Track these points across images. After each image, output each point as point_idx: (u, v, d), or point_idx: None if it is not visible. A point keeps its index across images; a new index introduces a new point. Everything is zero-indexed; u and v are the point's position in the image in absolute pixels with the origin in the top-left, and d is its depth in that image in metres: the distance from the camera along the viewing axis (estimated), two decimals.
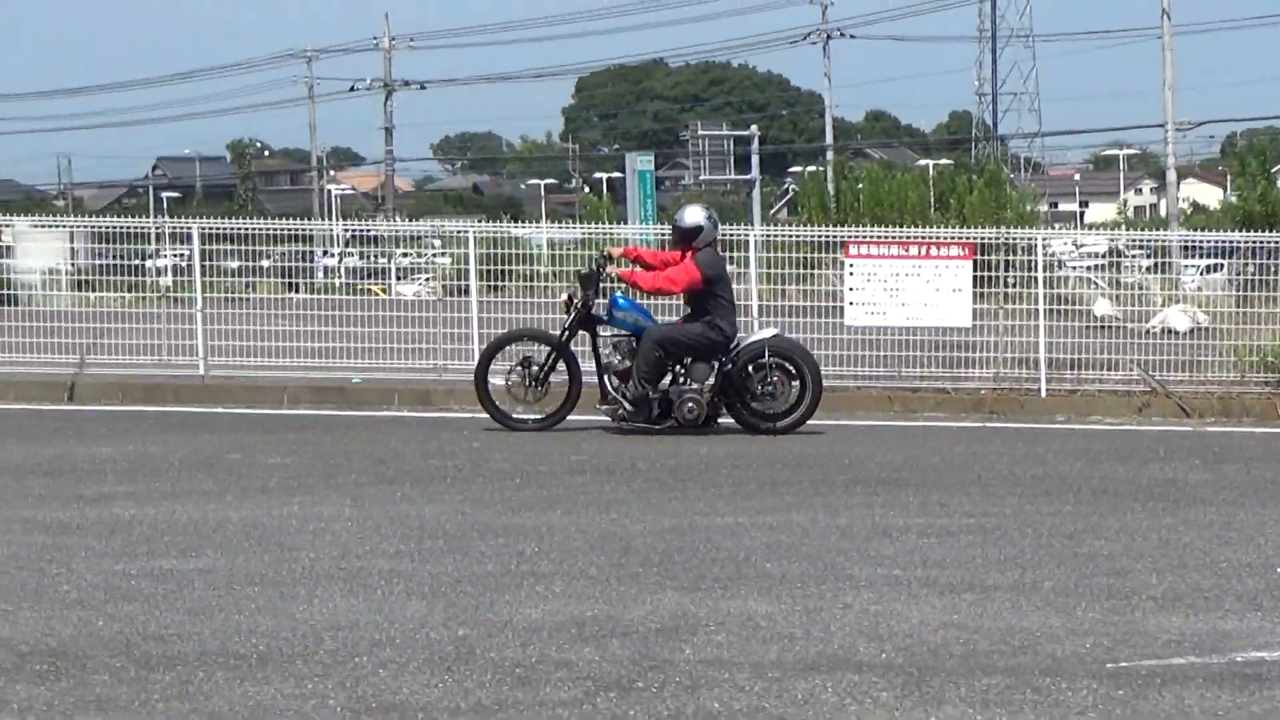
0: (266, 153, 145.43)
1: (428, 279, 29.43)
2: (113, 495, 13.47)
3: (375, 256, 30.56)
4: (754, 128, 75.40)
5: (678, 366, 18.18)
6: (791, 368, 18.47)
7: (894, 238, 24.46)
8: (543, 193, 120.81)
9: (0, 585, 9.93)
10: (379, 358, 23.29)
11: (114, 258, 25.83)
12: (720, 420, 18.47)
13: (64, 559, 10.74)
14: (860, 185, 54.87)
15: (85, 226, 28.83)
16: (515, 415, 18.35)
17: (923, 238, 24.41)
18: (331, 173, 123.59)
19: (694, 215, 18.75)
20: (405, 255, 30.21)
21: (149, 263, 26.61)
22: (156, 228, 27.70)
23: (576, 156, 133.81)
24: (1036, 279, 23.56)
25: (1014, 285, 24.07)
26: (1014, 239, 25.04)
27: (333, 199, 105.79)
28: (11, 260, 26.09)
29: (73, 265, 26.87)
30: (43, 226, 29.65)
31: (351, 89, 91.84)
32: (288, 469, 15.20)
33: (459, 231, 25.74)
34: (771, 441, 18.15)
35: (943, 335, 23.18)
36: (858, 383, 23.19)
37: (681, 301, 18.90)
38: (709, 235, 18.53)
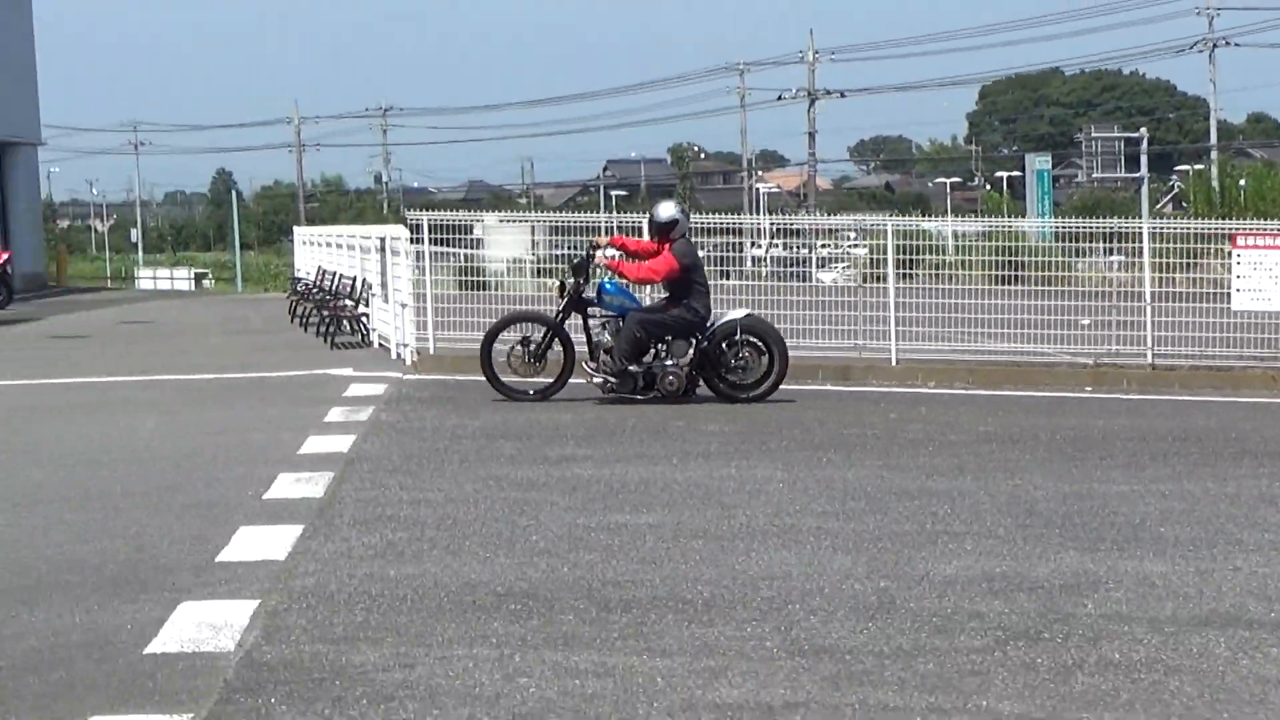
0: (703, 155, 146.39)
1: (844, 267, 29.40)
2: (573, 457, 13.69)
3: (798, 247, 30.62)
4: (1143, 130, 73.82)
5: (659, 344, 18.06)
6: (761, 344, 18.27)
7: None
8: (948, 190, 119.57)
9: (479, 535, 10.18)
10: (804, 337, 23.31)
11: (569, 248, 26.27)
12: (698, 391, 18.21)
13: (532, 512, 10.96)
14: (1243, 182, 53.43)
15: (544, 221, 29.33)
16: (517, 387, 18.23)
17: None
18: (759, 173, 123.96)
19: (668, 210, 18.74)
20: (824, 246, 30.20)
21: (599, 253, 26.95)
22: (607, 223, 28.07)
23: (979, 157, 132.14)
24: None
25: None
26: None
27: (760, 196, 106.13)
28: (483, 251, 26.72)
29: (534, 255, 27.37)
30: (508, 221, 30.25)
31: (779, 98, 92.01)
32: (725, 436, 15.28)
33: (878, 224, 25.62)
34: (1162, 416, 17.78)
35: None
36: (1243, 363, 22.56)
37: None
38: (683, 227, 18.49)
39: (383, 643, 7.57)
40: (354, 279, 28.44)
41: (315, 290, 32.12)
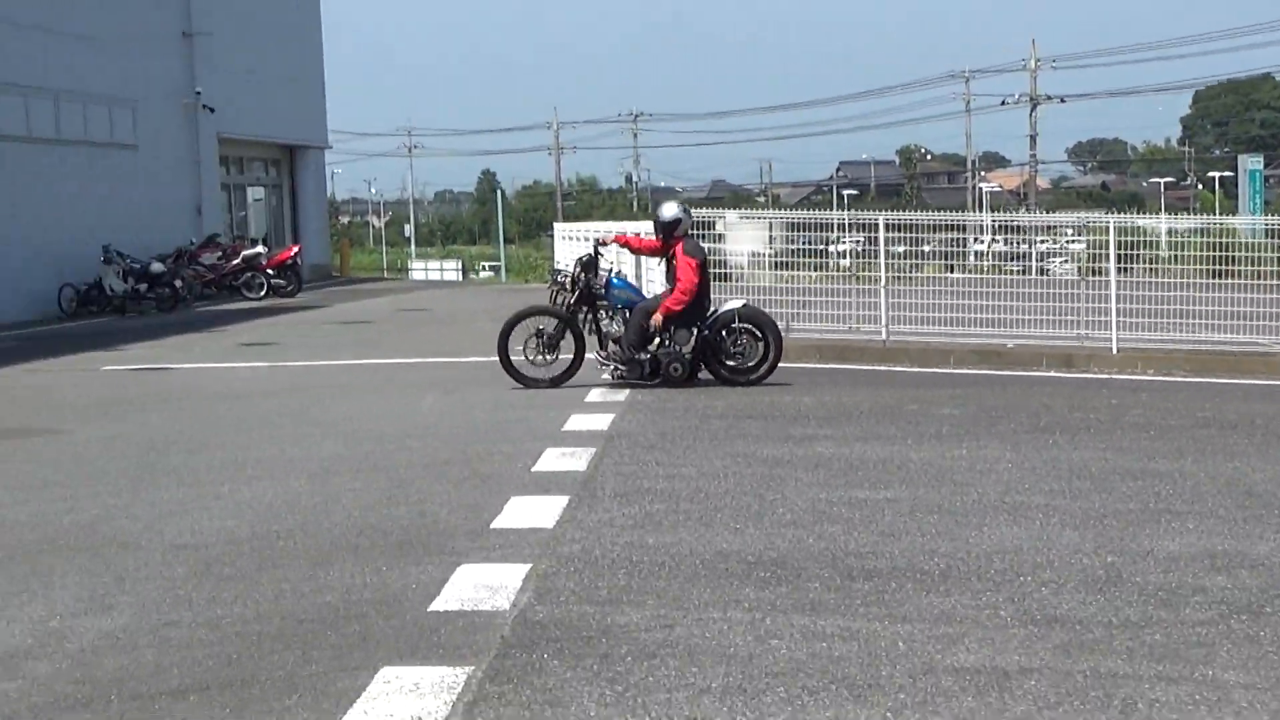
0: (929, 156, 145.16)
1: (1062, 261, 28.99)
2: (815, 436, 13.63)
3: (1018, 243, 30.23)
4: None
5: (664, 333, 17.85)
6: (757, 331, 18.06)
7: None
8: (1161, 190, 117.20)
9: (730, 507, 10.18)
10: (1028, 327, 23.01)
11: (804, 243, 26.21)
12: (700, 376, 17.99)
13: (778, 487, 10.94)
14: None
15: (782, 218, 29.23)
16: (531, 376, 17.92)
17: None
18: (982, 173, 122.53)
19: (671, 210, 18.58)
20: (1043, 242, 29.81)
21: (831, 248, 26.88)
22: (840, 220, 27.94)
23: (1192, 159, 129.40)
24: None
25: None
26: None
27: (982, 195, 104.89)
28: (724, 245, 26.72)
29: (771, 250, 27.31)
30: (748, 218, 30.17)
31: (1002, 103, 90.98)
32: (956, 419, 15.11)
33: (1098, 221, 25.19)
34: None
35: None
36: None
37: (662, 274, 18.62)
38: (686, 225, 18.42)
39: (644, 605, 7.61)
40: (609, 270, 28.61)
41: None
